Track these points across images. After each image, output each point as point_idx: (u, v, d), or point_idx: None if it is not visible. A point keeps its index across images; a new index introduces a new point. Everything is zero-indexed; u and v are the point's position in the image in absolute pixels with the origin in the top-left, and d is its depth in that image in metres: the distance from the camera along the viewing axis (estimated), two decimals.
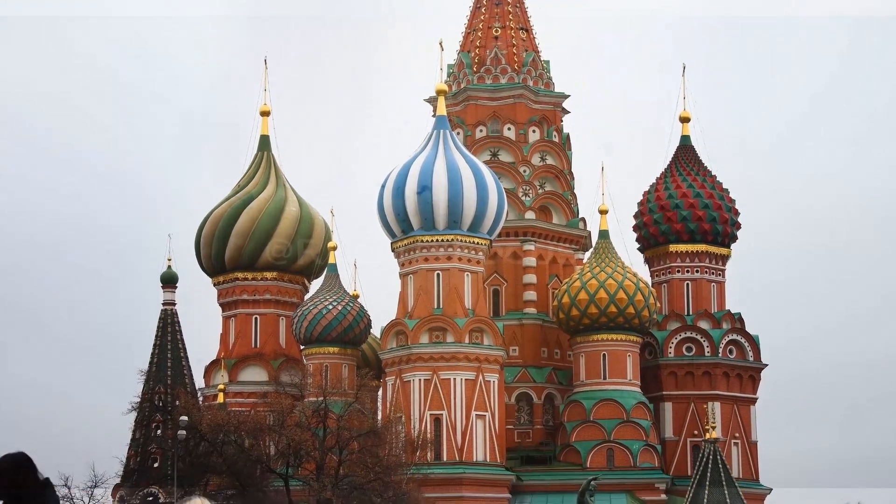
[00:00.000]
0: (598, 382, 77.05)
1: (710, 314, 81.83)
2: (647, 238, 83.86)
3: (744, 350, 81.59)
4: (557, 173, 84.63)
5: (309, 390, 69.09)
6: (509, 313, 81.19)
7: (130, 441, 73.83)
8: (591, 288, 76.81)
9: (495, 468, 73.09)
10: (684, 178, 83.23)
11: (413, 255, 74.90)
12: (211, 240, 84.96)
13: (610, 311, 76.35)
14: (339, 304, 79.09)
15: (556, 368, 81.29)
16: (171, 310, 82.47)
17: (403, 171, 74.28)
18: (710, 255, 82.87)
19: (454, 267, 74.45)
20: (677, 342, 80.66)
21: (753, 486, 78.09)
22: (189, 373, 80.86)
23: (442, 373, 72.83)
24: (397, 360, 73.97)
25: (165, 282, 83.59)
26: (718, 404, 78.11)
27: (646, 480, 74.89)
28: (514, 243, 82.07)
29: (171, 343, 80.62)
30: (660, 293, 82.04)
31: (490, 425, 73.11)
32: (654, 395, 78.96)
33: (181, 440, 51.30)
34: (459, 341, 73.04)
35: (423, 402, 72.59)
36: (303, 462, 59.26)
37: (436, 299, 74.53)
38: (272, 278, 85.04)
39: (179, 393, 71.92)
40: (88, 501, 56.83)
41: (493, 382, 73.98)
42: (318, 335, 78.23)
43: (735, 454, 79.06)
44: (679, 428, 79.49)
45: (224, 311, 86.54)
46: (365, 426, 62.96)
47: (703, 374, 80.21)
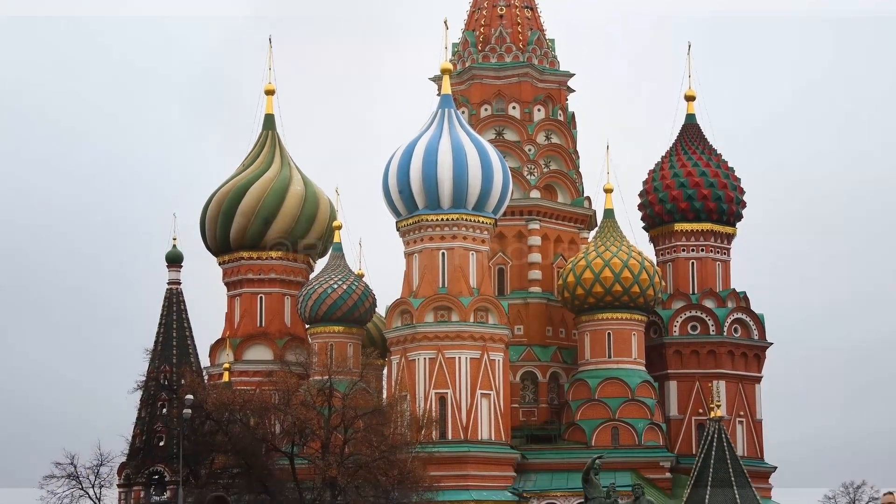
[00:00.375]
0: (603, 361, 77.07)
1: (716, 293, 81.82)
2: (653, 217, 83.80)
3: (749, 329, 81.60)
4: (562, 152, 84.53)
5: (314, 369, 69.17)
6: (514, 292, 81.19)
7: (136, 420, 73.92)
8: (596, 267, 76.78)
9: (500, 447, 73.17)
10: (690, 157, 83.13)
11: (418, 235, 74.88)
12: (216, 219, 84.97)
13: (615, 290, 76.34)
14: (344, 283, 79.13)
15: (561, 347, 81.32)
16: (176, 289, 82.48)
17: (408, 150, 74.21)
18: (716, 233, 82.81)
19: (459, 246, 74.44)
20: (682, 321, 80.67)
21: (758, 465, 78.19)
22: (194, 352, 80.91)
23: (447, 352, 72.87)
24: (402, 338, 74.02)
25: (170, 261, 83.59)
26: (723, 383, 78.15)
27: (651, 459, 74.98)
28: (519, 222, 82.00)
29: (176, 322, 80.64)
30: (665, 272, 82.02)
31: (495, 404, 73.18)
32: (658, 374, 79.01)
33: (186, 419, 51.35)
34: (464, 320, 73.07)
35: (428, 380, 72.66)
36: (308, 441, 59.36)
37: (441, 278, 74.54)
38: (277, 257, 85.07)
39: (185, 372, 71.99)
40: (94, 480, 56.95)
41: (498, 361, 74.02)
42: (324, 314, 78.28)
43: (740, 433, 79.14)
44: (684, 406, 79.55)
45: (229, 291, 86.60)
46: (370, 405, 63.02)
47: (708, 353, 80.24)
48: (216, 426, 58.53)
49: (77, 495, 56.63)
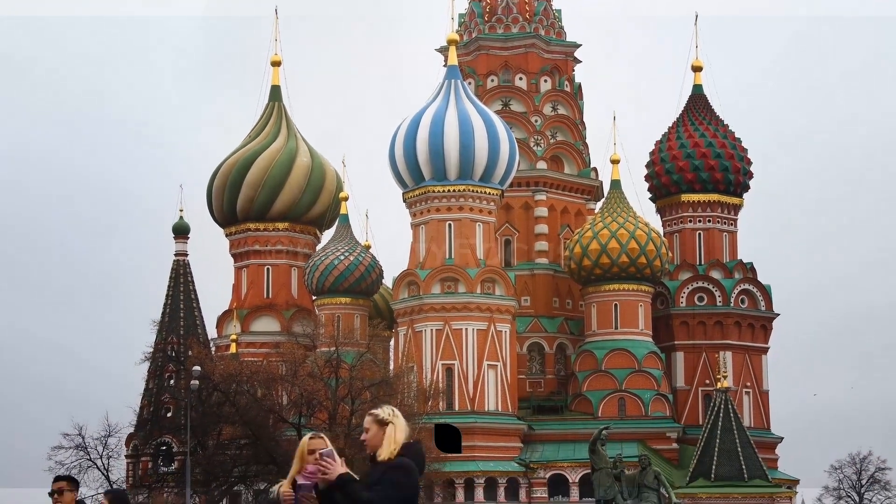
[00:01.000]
0: (610, 332, 77.10)
1: (722, 264, 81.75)
2: (659, 188, 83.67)
3: (755, 300, 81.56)
4: (569, 123, 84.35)
5: (321, 340, 69.23)
6: (521, 263, 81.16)
7: (143, 391, 74.11)
8: (603, 238, 76.72)
9: (507, 417, 73.31)
10: (696, 128, 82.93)
11: (425, 206, 74.83)
12: (223, 191, 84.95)
13: (621, 261, 76.29)
14: (350, 255, 79.15)
15: (568, 318, 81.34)
16: (183, 260, 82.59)
17: (415, 121, 74.08)
18: (723, 204, 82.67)
19: (466, 217, 74.40)
20: (689, 292, 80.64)
21: (764, 435, 78.26)
22: (201, 323, 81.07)
23: (454, 323, 72.93)
24: (409, 310, 74.07)
25: (177, 232, 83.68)
26: (730, 354, 78.13)
27: (657, 429, 75.08)
28: (526, 193, 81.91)
29: (183, 294, 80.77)
30: (672, 243, 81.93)
31: (502, 375, 73.28)
32: (665, 345, 79.05)
33: (194, 390, 51.42)
34: (471, 291, 73.08)
35: (434, 352, 72.75)
36: (315, 412, 59.45)
37: (447, 249, 74.53)
38: (284, 229, 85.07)
39: (192, 343, 72.09)
40: (102, 451, 57.08)
41: (505, 332, 74.10)
42: (330, 286, 78.32)
43: (746, 403, 79.22)
44: (690, 377, 79.62)
45: (236, 262, 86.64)
46: (377, 376, 63.08)
47: (715, 324, 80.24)
48: (223, 397, 58.60)
49: (85, 466, 56.77)
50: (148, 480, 63.27)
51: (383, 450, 9.04)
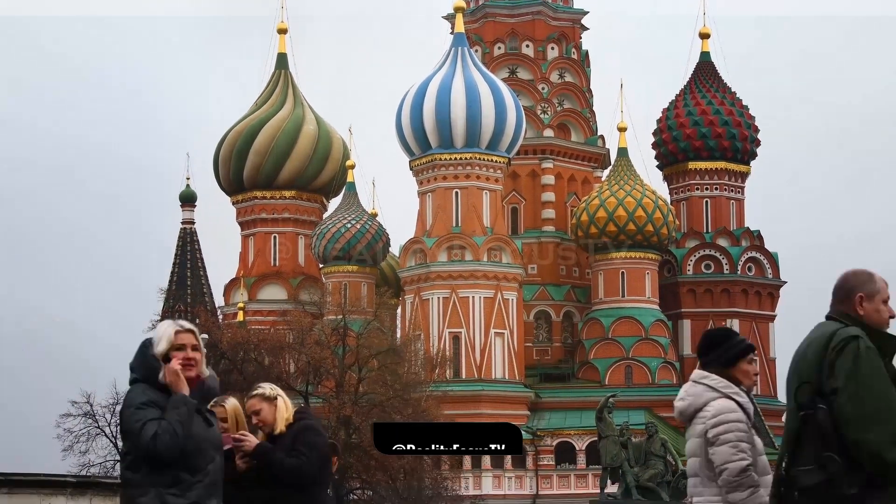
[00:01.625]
0: (617, 300, 77.16)
1: (729, 231, 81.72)
2: (666, 155, 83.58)
3: (763, 267, 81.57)
4: (576, 91, 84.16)
5: (328, 308, 69.29)
6: (528, 231, 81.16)
7: None
8: (610, 206, 76.67)
9: (514, 385, 73.47)
10: (704, 95, 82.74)
11: (431, 174, 74.80)
12: (229, 158, 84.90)
13: (628, 229, 76.27)
14: (357, 223, 79.17)
15: (575, 286, 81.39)
16: (190, 228, 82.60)
17: (421, 88, 73.97)
18: (730, 172, 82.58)
19: (472, 185, 74.37)
20: (696, 260, 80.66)
21: (771, 403, 78.39)
22: (209, 291, 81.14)
23: (460, 291, 73.00)
24: (416, 278, 74.15)
25: (184, 200, 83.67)
26: (737, 321, 78.21)
27: (664, 397, 74.99)
28: (533, 161, 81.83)
29: (190, 262, 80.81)
30: (678, 211, 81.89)
31: (509, 343, 73.39)
32: (672, 313, 79.10)
33: None
34: (478, 259, 73.13)
35: (441, 319, 72.85)
36: (322, 379, 59.55)
37: (454, 217, 74.53)
38: (290, 197, 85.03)
39: (199, 311, 72.16)
40: (110, 418, 57.12)
41: (512, 300, 74.16)
42: (337, 254, 78.39)
43: None
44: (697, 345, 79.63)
45: (243, 230, 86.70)
46: (384, 344, 63.12)
47: (722, 292, 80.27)
48: (231, 365, 58.68)
49: (93, 433, 56.89)
50: None
51: (278, 422, 9.00)
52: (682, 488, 44.71)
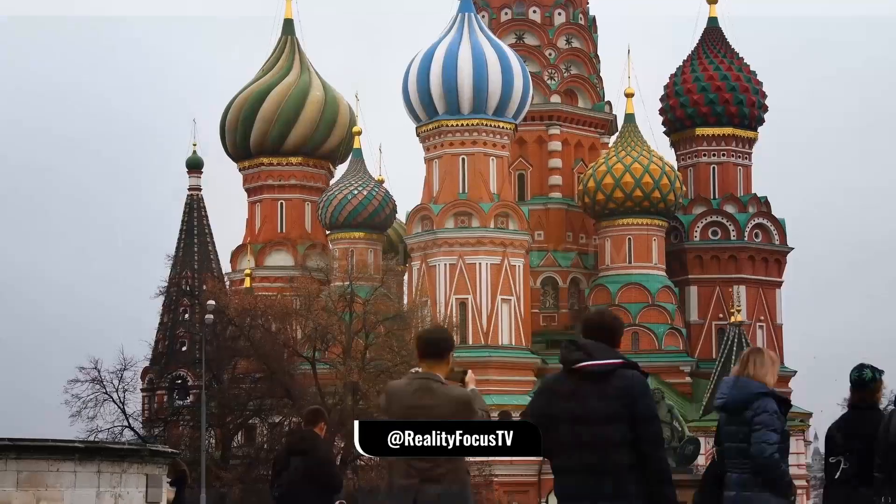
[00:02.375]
0: (624, 266, 77.13)
1: (737, 198, 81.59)
2: (674, 121, 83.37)
3: (770, 234, 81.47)
4: (583, 56, 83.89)
5: (335, 275, 69.35)
6: (534, 198, 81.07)
7: (158, 325, 74.33)
8: (617, 172, 76.55)
9: (521, 351, 73.55)
10: (711, 61, 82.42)
11: (438, 140, 74.69)
12: (236, 125, 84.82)
13: (635, 195, 76.16)
14: (364, 189, 79.12)
15: (582, 253, 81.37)
16: (196, 195, 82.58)
17: (428, 54, 73.76)
18: (737, 138, 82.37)
19: (479, 151, 74.26)
20: (703, 226, 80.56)
21: (778, 369, 78.38)
22: (216, 258, 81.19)
23: (467, 257, 73.00)
24: (423, 244, 74.15)
25: (191, 167, 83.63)
26: (744, 288, 78.18)
27: (671, 363, 75.26)
28: (540, 127, 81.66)
29: (197, 228, 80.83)
30: (686, 177, 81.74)
31: (515, 309, 73.44)
32: (679, 279, 79.08)
33: (209, 324, 51.59)
34: (485, 226, 73.09)
35: (448, 286, 72.89)
36: (329, 346, 59.62)
37: (461, 184, 74.46)
38: (297, 163, 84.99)
39: (206, 278, 72.24)
40: (118, 384, 57.30)
41: (519, 267, 74.17)
42: (344, 220, 78.38)
43: (760, 337, 79.27)
44: (704, 311, 79.70)
45: (250, 197, 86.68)
46: (391, 311, 63.19)
47: (729, 258, 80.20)
48: (238, 331, 58.76)
49: (101, 399, 57.00)
50: (163, 414, 63.62)
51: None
52: (689, 454, 44.77)
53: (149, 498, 19.90)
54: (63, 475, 18.06)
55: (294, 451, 11.40)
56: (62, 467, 18.07)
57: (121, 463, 19.15)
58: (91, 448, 19.31)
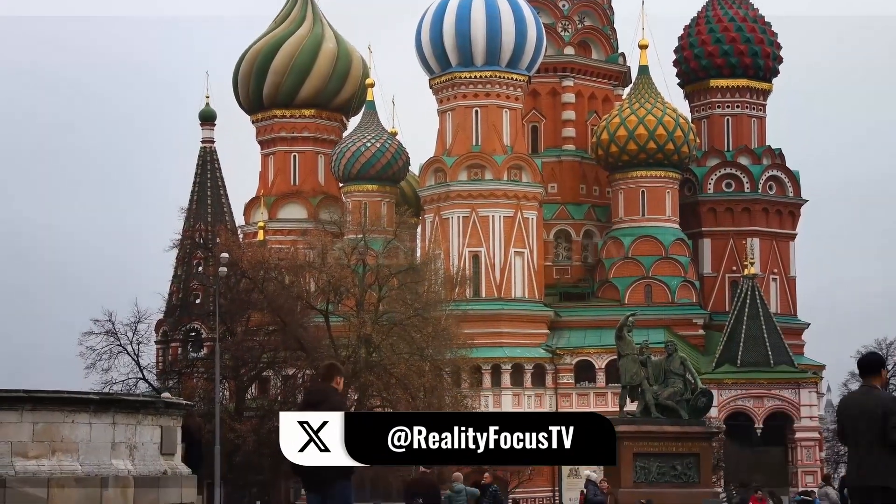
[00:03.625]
0: (637, 219, 77.02)
1: (751, 150, 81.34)
2: (688, 73, 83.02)
3: (784, 186, 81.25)
4: (597, 8, 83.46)
5: (348, 228, 69.30)
6: (548, 150, 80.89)
7: (172, 277, 74.44)
8: (631, 124, 76.30)
9: (534, 304, 73.59)
10: (726, 12, 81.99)
11: (451, 92, 74.47)
12: (248, 77, 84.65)
13: (649, 148, 75.95)
14: (377, 142, 78.98)
15: (595, 205, 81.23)
16: (210, 147, 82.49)
17: (441, 6, 73.43)
18: (752, 89, 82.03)
19: (492, 104, 74.04)
20: (717, 178, 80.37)
21: (791, 321, 78.43)
22: (229, 210, 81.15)
23: (480, 210, 72.93)
24: (436, 197, 74.07)
25: (204, 119, 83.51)
26: (757, 240, 78.07)
27: (684, 316, 75.26)
28: (553, 79, 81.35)
29: (210, 181, 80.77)
30: (700, 129, 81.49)
31: (528, 262, 73.43)
32: (692, 232, 78.97)
33: (222, 277, 51.58)
34: (498, 178, 72.96)
35: (461, 239, 72.87)
36: (343, 298, 59.62)
37: (474, 136, 74.29)
38: (310, 116, 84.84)
39: (220, 230, 72.18)
40: (132, 336, 57.38)
41: (532, 219, 74.09)
42: (357, 173, 78.29)
43: (773, 290, 79.25)
44: (717, 264, 79.63)
45: (263, 149, 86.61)
46: (404, 263, 63.14)
47: (743, 211, 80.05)
48: (252, 284, 58.78)
49: (115, 351, 57.09)
50: (178, 366, 63.76)
51: None
52: (701, 406, 44.82)
53: (163, 449, 19.99)
54: (78, 427, 18.15)
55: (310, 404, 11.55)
56: (77, 419, 18.16)
57: (135, 415, 19.23)
58: (106, 400, 19.39)
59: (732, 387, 69.11)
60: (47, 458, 17.82)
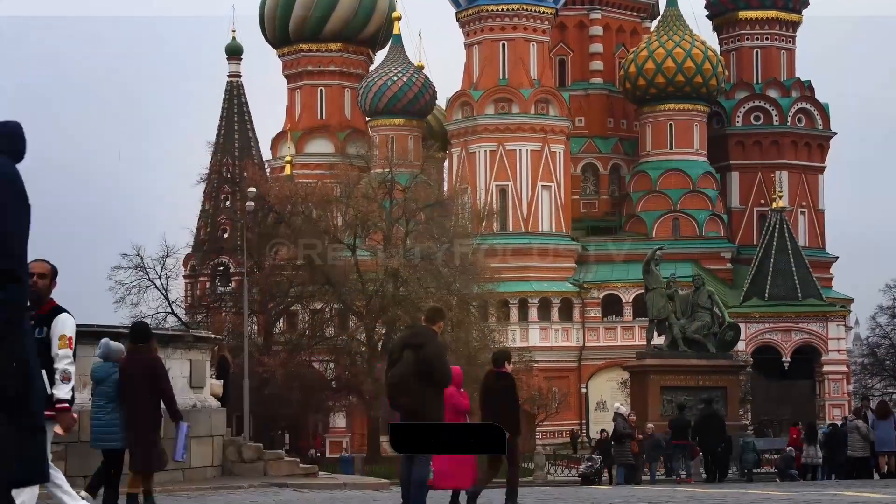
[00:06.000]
0: (665, 153, 76.73)
1: (780, 82, 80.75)
2: (716, 5, 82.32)
3: (813, 118, 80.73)
4: None
5: (375, 162, 69.27)
6: (575, 83, 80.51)
7: (200, 212, 74.57)
8: (659, 57, 75.81)
9: (561, 238, 73.56)
10: None
11: (478, 25, 74.09)
12: (274, 10, 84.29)
13: (677, 80, 75.50)
14: (404, 76, 78.72)
15: (623, 139, 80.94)
16: (236, 82, 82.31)
17: None
18: (781, 21, 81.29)
19: (519, 37, 73.64)
20: (745, 111, 79.89)
21: (819, 255, 78.19)
22: (256, 145, 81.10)
23: (507, 144, 72.76)
24: (463, 131, 73.90)
25: (230, 53, 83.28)
26: (786, 173, 77.73)
27: (711, 250, 75.15)
28: (581, 12, 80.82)
29: (237, 115, 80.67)
30: (728, 61, 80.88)
31: (556, 196, 73.31)
32: (720, 165, 78.64)
33: (250, 211, 51.65)
34: (525, 112, 72.72)
35: (488, 173, 72.77)
36: (370, 233, 59.71)
37: (501, 70, 73.97)
38: (336, 49, 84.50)
39: (247, 165, 72.20)
40: (161, 271, 57.59)
41: (559, 153, 73.90)
42: (384, 107, 78.11)
43: (801, 223, 78.96)
44: (746, 197, 79.33)
45: (289, 84, 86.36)
46: (431, 198, 63.07)
47: (771, 144, 79.63)
48: (279, 219, 58.86)
49: (144, 286, 57.34)
50: (206, 300, 64.03)
51: None
52: (729, 339, 44.85)
53: (193, 383, 20.12)
54: None
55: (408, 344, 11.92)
56: None
57: (165, 349, 19.33)
58: None
59: (760, 320, 69.06)
60: (79, 392, 17.94)
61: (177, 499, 16.94)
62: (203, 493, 17.85)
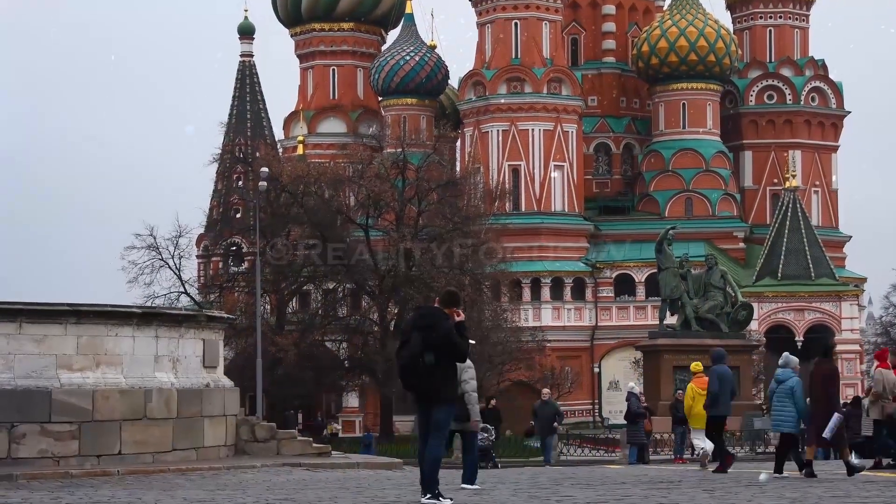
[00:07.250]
0: (678, 132, 76.57)
1: (793, 61, 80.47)
2: None
3: (826, 97, 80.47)
4: None
5: (388, 142, 69.17)
6: (588, 63, 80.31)
7: (213, 192, 74.61)
8: (672, 36, 75.60)
9: (573, 218, 73.49)
10: None
11: (490, 4, 73.94)
12: None
13: (690, 60, 75.29)
14: (416, 55, 78.60)
15: (635, 118, 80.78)
16: (249, 62, 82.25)
17: None
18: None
19: (532, 16, 73.47)
20: (759, 90, 79.65)
21: (832, 234, 78.06)
22: (268, 125, 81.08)
23: (520, 123, 72.66)
24: (475, 110, 73.80)
25: (242, 32, 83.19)
26: (799, 153, 77.53)
27: (724, 229, 75.04)
28: None
29: (250, 95, 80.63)
30: (741, 40, 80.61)
31: (568, 175, 73.22)
32: (733, 144, 78.46)
33: (262, 191, 51.65)
34: (537, 91, 72.59)
35: (501, 152, 72.69)
36: (382, 213, 59.66)
37: (513, 49, 73.83)
38: (349, 29, 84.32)
39: (259, 144, 72.18)
40: (174, 251, 57.62)
41: (572, 133, 73.79)
42: (396, 86, 78.02)
43: (815, 202, 78.80)
44: (759, 177, 79.17)
45: (302, 63, 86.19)
46: (443, 177, 63.04)
47: (785, 123, 79.42)
48: (291, 198, 58.84)
49: (157, 265, 57.39)
50: (219, 280, 64.08)
51: None
52: (742, 319, 44.82)
53: (206, 362, 20.16)
54: (122, 340, 18.30)
55: (418, 327, 12.00)
56: (121, 332, 18.31)
57: (178, 328, 19.36)
58: (148, 313, 19.52)
59: (773, 300, 68.99)
60: (91, 371, 18.00)
61: (190, 478, 16.99)
62: (216, 473, 17.90)
